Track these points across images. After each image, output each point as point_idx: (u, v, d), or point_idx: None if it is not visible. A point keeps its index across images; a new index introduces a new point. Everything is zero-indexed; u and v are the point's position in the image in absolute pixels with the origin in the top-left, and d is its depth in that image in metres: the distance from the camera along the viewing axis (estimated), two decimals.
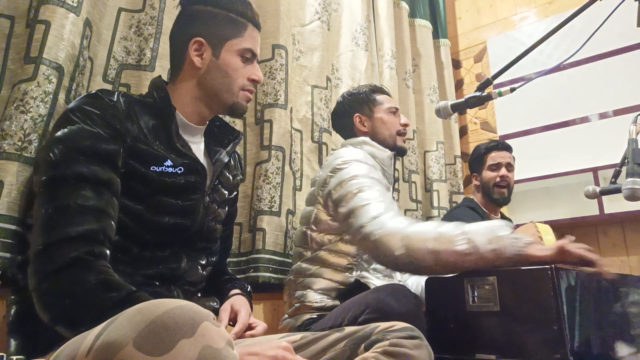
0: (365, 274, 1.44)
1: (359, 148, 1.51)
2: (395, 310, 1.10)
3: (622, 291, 1.18)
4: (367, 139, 1.55)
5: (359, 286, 1.38)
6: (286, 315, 1.45)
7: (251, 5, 1.09)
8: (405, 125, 1.61)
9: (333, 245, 1.42)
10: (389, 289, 1.19)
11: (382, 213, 1.23)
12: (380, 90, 1.65)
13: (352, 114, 1.60)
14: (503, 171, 2.13)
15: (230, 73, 1.04)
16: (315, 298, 1.38)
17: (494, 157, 2.16)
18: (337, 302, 1.37)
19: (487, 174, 2.15)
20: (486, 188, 2.15)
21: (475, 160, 2.20)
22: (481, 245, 1.06)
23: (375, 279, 1.45)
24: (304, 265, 1.44)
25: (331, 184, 1.38)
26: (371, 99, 1.61)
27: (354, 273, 1.43)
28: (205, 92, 1.04)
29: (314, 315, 1.36)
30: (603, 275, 1.06)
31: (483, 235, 1.07)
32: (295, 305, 1.41)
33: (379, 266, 1.50)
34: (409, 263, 1.14)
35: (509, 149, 2.21)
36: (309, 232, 1.45)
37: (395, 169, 1.60)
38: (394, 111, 1.62)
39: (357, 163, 1.39)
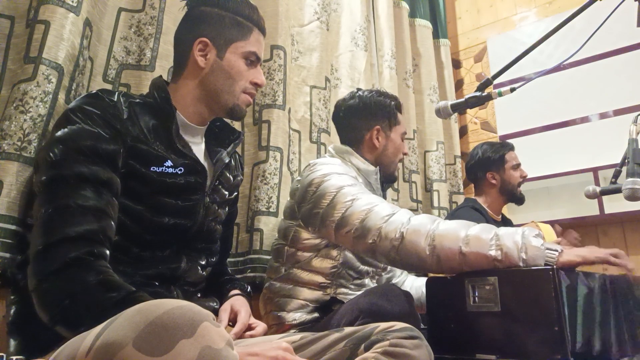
0: (344, 289, 1.37)
1: (339, 159, 1.44)
2: (389, 311, 1.09)
3: (632, 292, 1.18)
4: (349, 149, 1.47)
5: (336, 302, 1.33)
6: None
7: (257, 10, 1.09)
8: (406, 154, 1.58)
9: (306, 264, 1.35)
10: (380, 290, 1.17)
11: (394, 211, 1.19)
12: (400, 109, 1.55)
13: (373, 122, 1.48)
14: (524, 170, 2.19)
15: (233, 75, 1.04)
16: (292, 317, 1.33)
17: (514, 156, 2.20)
18: (315, 315, 1.33)
19: (512, 173, 2.17)
20: (509, 187, 2.17)
21: (497, 159, 2.19)
22: (512, 254, 1.03)
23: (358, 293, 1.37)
24: (277, 284, 1.38)
25: (314, 199, 1.30)
26: (394, 116, 1.51)
27: (329, 290, 1.36)
28: (206, 92, 1.04)
29: (296, 330, 1.31)
30: (628, 277, 1.06)
31: (516, 242, 1.04)
32: (275, 325, 1.36)
33: (358, 280, 1.43)
34: (434, 263, 1.11)
35: None
36: (285, 247, 1.38)
37: (384, 185, 1.53)
38: (405, 137, 1.54)
39: (337, 176, 1.31)
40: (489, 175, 2.20)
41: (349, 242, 1.25)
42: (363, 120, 1.49)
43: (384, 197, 1.55)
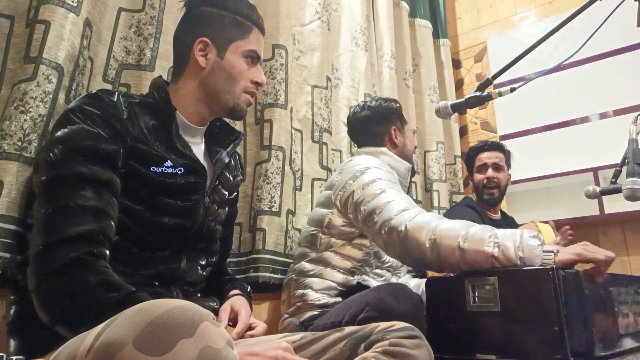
0: (366, 277, 1.46)
1: (376, 157, 1.54)
2: (395, 309, 1.11)
3: (616, 290, 1.18)
4: (384, 149, 1.59)
5: (361, 288, 1.39)
6: (286, 315, 1.46)
7: (256, 9, 1.10)
8: (416, 147, 1.70)
9: (340, 248, 1.45)
10: (390, 288, 1.20)
11: (408, 208, 1.25)
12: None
13: (389, 124, 1.63)
14: (489, 172, 2.16)
15: (233, 74, 1.04)
16: (316, 296, 1.40)
17: (481, 158, 2.19)
18: (338, 299, 1.38)
19: (476, 176, 2.19)
20: (477, 190, 2.19)
21: (467, 162, 2.25)
22: (509, 252, 1.05)
23: (377, 283, 1.46)
24: (308, 265, 1.46)
25: (352, 187, 1.41)
26: (402, 116, 1.69)
27: (356, 276, 1.45)
28: (207, 92, 1.04)
29: (316, 312, 1.38)
30: (592, 278, 1.07)
31: (513, 241, 1.06)
32: (297, 304, 1.42)
33: (379, 270, 1.51)
34: (434, 258, 1.14)
35: (499, 148, 2.21)
36: (320, 234, 1.47)
37: (410, 183, 1.64)
38: (414, 132, 1.70)
39: (377, 169, 1.43)
40: (469, 177, 2.25)
41: (371, 234, 1.33)
42: (380, 125, 1.64)
43: (409, 189, 1.68)
